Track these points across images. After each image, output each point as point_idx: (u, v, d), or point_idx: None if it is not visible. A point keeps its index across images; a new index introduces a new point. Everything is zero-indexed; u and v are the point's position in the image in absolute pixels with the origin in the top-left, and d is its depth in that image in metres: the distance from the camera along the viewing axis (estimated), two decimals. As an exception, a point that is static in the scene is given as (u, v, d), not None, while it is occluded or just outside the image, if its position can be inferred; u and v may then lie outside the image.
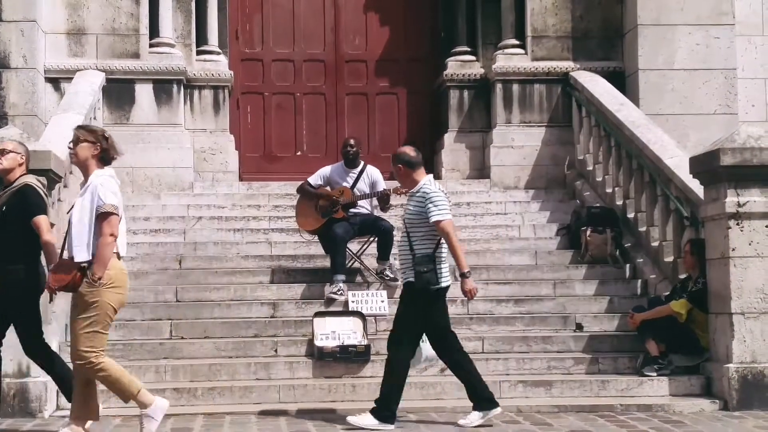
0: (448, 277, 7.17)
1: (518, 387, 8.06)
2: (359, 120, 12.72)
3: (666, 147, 9.80)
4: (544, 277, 9.76)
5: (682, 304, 8.30)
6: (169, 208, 11.09)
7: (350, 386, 8.00)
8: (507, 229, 10.77)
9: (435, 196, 7.04)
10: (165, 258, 9.97)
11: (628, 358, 8.50)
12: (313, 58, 12.79)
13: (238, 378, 8.20)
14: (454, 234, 7.06)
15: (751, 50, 12.44)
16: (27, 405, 7.45)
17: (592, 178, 11.35)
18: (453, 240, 7.04)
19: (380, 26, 12.85)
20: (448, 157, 12.22)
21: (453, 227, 7.08)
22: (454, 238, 7.06)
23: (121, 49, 11.58)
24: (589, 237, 9.98)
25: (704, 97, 11.62)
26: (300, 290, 9.40)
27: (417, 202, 7.11)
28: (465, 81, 12.34)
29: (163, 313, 9.02)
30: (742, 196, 7.95)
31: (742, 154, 7.94)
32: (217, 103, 12.05)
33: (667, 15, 11.65)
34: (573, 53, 12.04)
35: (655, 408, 7.76)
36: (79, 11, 11.57)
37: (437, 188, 7.14)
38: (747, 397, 7.80)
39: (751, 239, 7.93)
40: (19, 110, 11.08)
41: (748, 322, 7.89)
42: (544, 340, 8.78)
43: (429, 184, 7.15)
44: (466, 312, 9.22)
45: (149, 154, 11.49)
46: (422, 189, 7.12)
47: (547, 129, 12.01)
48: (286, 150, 12.70)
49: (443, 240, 7.07)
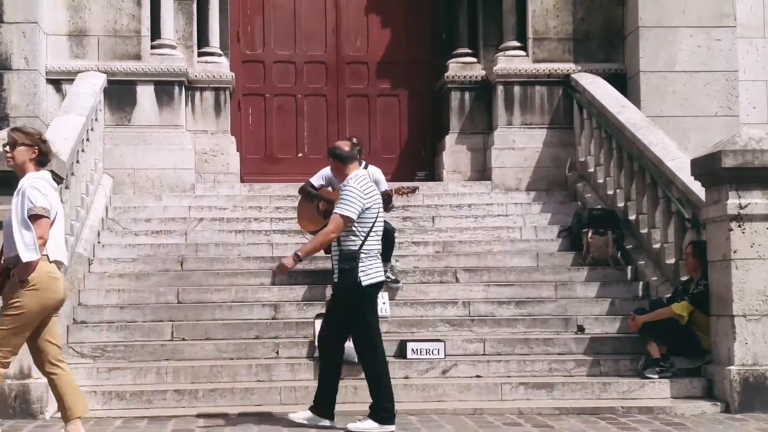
0: (374, 275, 7.02)
1: (519, 389, 8.06)
2: (360, 122, 12.72)
3: (667, 149, 9.80)
4: (545, 279, 9.76)
5: (683, 307, 8.30)
6: (171, 209, 11.09)
7: (352, 388, 7.99)
8: (508, 230, 10.77)
9: (349, 191, 6.96)
10: (166, 259, 9.97)
11: (629, 361, 8.49)
12: (315, 60, 12.80)
13: (240, 379, 8.19)
14: (334, 230, 6.91)
15: (752, 52, 12.44)
16: (28, 406, 7.45)
17: (594, 179, 11.35)
18: (328, 233, 6.92)
19: (381, 28, 12.86)
20: (449, 159, 12.23)
21: (340, 227, 6.91)
22: (331, 234, 6.92)
23: (123, 50, 11.58)
24: (590, 239, 9.98)
25: (705, 99, 11.62)
26: (301, 292, 9.41)
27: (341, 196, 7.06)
28: (466, 83, 12.35)
29: (165, 315, 9.02)
30: (743, 198, 7.95)
31: (743, 156, 7.94)
32: (219, 104, 12.06)
33: (668, 17, 11.65)
34: (574, 55, 12.04)
35: (656, 410, 7.76)
36: (80, 13, 11.57)
37: (359, 184, 7.02)
38: (748, 400, 7.79)
39: (752, 241, 7.93)
40: (21, 112, 11.08)
41: (750, 325, 7.89)
42: (546, 342, 8.78)
43: (353, 179, 7.06)
44: (468, 314, 9.22)
45: (150, 155, 11.49)
46: (347, 184, 7.07)
47: (548, 131, 12.01)
48: (287, 151, 12.71)
49: (371, 236, 6.99)
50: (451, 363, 8.40)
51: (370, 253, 7.02)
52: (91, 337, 8.72)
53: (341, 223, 6.92)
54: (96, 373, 8.10)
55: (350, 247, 6.96)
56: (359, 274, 6.92)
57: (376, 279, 7.05)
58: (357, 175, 7.12)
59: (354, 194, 6.96)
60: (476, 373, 8.35)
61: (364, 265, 6.96)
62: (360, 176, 7.11)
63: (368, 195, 7.04)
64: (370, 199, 7.04)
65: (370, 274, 7.00)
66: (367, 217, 7.02)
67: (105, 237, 10.44)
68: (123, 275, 9.64)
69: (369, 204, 7.03)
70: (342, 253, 6.97)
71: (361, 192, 6.99)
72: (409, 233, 10.60)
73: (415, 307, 9.27)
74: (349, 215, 6.93)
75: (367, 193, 7.03)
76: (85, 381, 8.02)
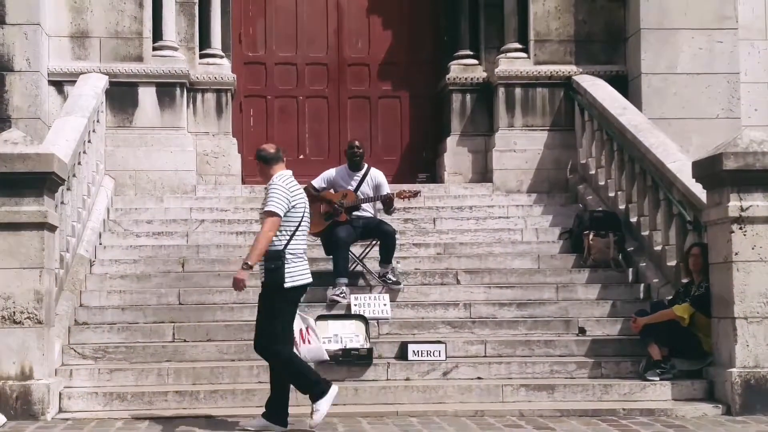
0: (298, 278, 6.99)
1: (521, 391, 8.05)
2: (362, 123, 12.73)
3: (668, 151, 9.80)
4: (546, 281, 9.76)
5: (684, 309, 8.30)
6: (172, 211, 11.10)
7: (353, 390, 8.00)
8: (509, 232, 10.77)
9: (274, 189, 6.95)
10: (168, 261, 9.97)
11: (630, 362, 8.49)
12: (316, 62, 12.81)
13: (241, 381, 8.19)
14: (270, 230, 6.87)
15: (754, 54, 12.44)
16: (29, 407, 7.45)
17: (595, 182, 11.35)
18: (265, 233, 6.87)
19: (383, 30, 12.87)
20: (451, 161, 12.23)
21: (274, 225, 6.88)
22: (268, 233, 6.87)
23: (125, 52, 11.59)
24: (591, 241, 9.98)
25: (707, 101, 11.62)
26: (302, 293, 9.40)
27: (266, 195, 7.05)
28: (467, 85, 12.35)
29: (166, 316, 9.02)
30: (745, 201, 7.95)
31: (744, 158, 7.94)
32: (220, 106, 12.06)
33: (670, 19, 11.65)
34: (576, 57, 12.04)
35: (657, 412, 7.75)
36: (82, 15, 11.58)
37: (283, 182, 7.02)
38: (750, 402, 7.78)
39: (754, 243, 7.92)
40: (23, 113, 11.09)
41: (751, 327, 7.88)
42: (547, 344, 8.77)
43: (278, 178, 7.06)
44: (469, 315, 9.22)
45: (152, 157, 11.50)
46: (272, 182, 7.05)
47: (549, 133, 12.01)
48: (288, 153, 12.58)
49: (297, 235, 6.98)
50: (452, 365, 8.40)
51: (297, 253, 6.99)
52: (93, 338, 8.72)
53: (274, 220, 6.90)
54: (97, 374, 8.10)
55: (276, 246, 6.93)
56: (285, 274, 6.90)
57: (300, 281, 7.02)
58: (282, 174, 7.11)
59: (279, 191, 6.96)
60: (477, 374, 8.35)
61: (290, 265, 6.94)
62: (285, 175, 7.11)
63: (293, 193, 7.03)
64: (295, 198, 7.03)
65: (294, 276, 6.97)
66: (293, 215, 6.99)
67: (106, 238, 10.45)
68: (124, 276, 9.65)
69: (295, 202, 7.01)
70: (268, 252, 6.92)
71: (287, 189, 6.99)
72: (410, 235, 10.60)
73: (416, 309, 9.27)
74: (276, 211, 6.90)
75: (292, 191, 7.03)
76: (87, 382, 8.04)
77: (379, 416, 7.59)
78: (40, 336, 7.58)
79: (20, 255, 7.57)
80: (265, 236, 6.91)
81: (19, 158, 7.62)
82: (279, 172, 7.14)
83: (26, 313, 7.55)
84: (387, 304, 9.07)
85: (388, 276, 9.41)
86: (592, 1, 12.08)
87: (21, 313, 7.54)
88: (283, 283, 6.92)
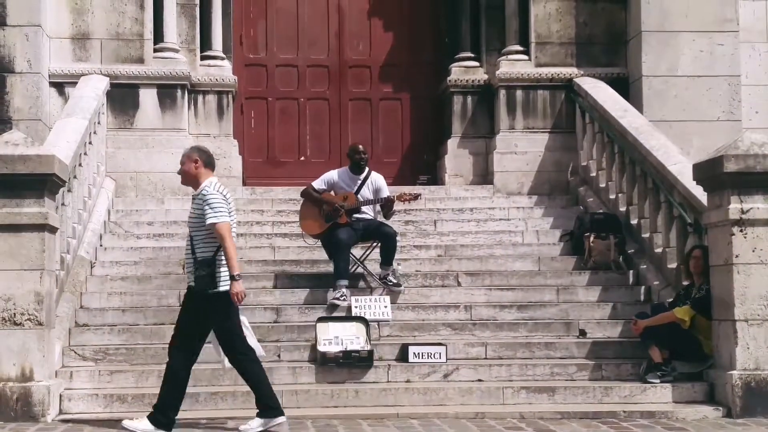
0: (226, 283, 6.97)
1: (521, 393, 8.05)
2: (363, 125, 12.73)
3: (669, 153, 9.80)
4: (547, 283, 9.76)
5: (685, 311, 8.29)
6: (173, 212, 11.09)
7: (353, 392, 8.00)
8: (510, 234, 10.77)
9: (212, 198, 6.94)
10: (168, 262, 9.97)
11: (631, 365, 8.48)
12: (317, 64, 12.81)
13: (241, 383, 8.13)
14: (229, 237, 6.91)
15: (755, 57, 12.44)
16: (30, 409, 7.45)
17: (596, 184, 11.35)
18: (227, 243, 6.91)
19: (384, 32, 12.87)
20: (452, 163, 12.23)
21: (229, 230, 6.93)
22: (229, 241, 6.91)
23: (126, 54, 11.60)
24: (592, 243, 9.98)
25: (708, 104, 11.62)
26: (303, 295, 9.40)
27: (197, 204, 7.03)
28: (468, 87, 12.35)
29: (166, 318, 9.01)
30: (745, 203, 7.95)
31: (745, 161, 7.94)
32: (221, 108, 12.06)
33: (671, 21, 11.65)
34: (577, 59, 12.04)
35: (658, 415, 7.75)
36: (83, 16, 11.59)
37: (217, 190, 7.01)
38: (750, 405, 7.78)
39: (754, 246, 7.92)
40: (24, 114, 11.09)
41: (752, 329, 7.88)
42: (547, 346, 8.77)
43: (209, 186, 7.03)
44: (470, 318, 9.22)
45: (153, 158, 11.50)
46: (202, 191, 7.03)
47: (550, 135, 12.02)
48: (289, 155, 12.72)
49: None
50: (453, 367, 8.40)
51: (224, 261, 6.98)
52: (93, 340, 8.72)
53: (226, 227, 6.92)
54: (98, 376, 8.10)
55: (206, 254, 6.95)
56: (216, 280, 6.92)
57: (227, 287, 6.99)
58: (212, 182, 7.08)
59: (218, 200, 6.95)
60: (478, 377, 8.35)
61: (220, 271, 6.95)
62: (214, 183, 7.09)
63: (228, 200, 7.04)
64: (230, 205, 7.06)
65: (226, 280, 6.97)
66: None
67: (107, 240, 10.45)
68: (125, 278, 9.65)
69: (229, 209, 7.04)
70: (197, 259, 6.96)
71: (224, 197, 7.00)
72: (411, 237, 10.60)
73: (417, 311, 9.26)
74: (226, 221, 6.93)
75: (227, 198, 7.04)
76: (87, 384, 8.03)
77: (379, 418, 7.59)
78: (41, 338, 7.58)
79: (21, 256, 7.57)
80: (231, 244, 6.93)
81: (19, 159, 7.63)
82: (210, 179, 7.11)
83: (27, 315, 7.55)
84: (388, 306, 9.07)
85: (388, 278, 9.41)
86: (593, 4, 12.08)
87: (21, 315, 7.54)
88: (216, 288, 6.92)
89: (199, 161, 7.12)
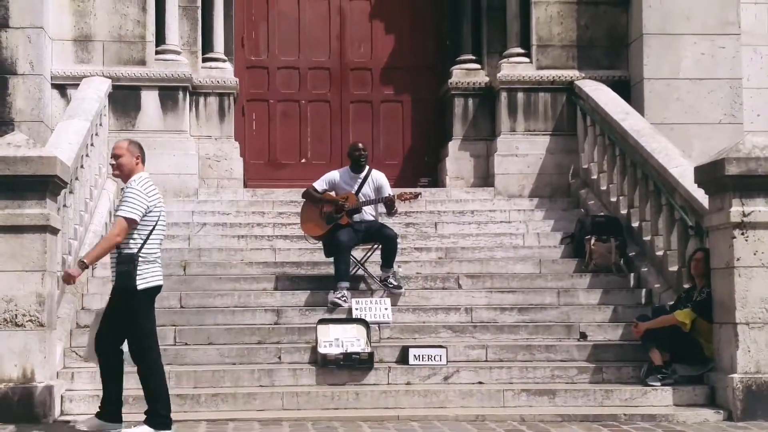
0: (151, 280, 6.91)
1: (522, 396, 8.05)
2: (364, 127, 12.73)
3: (671, 156, 9.80)
4: (548, 286, 9.76)
5: (686, 314, 8.29)
6: (174, 214, 11.08)
7: (353, 394, 8.00)
8: (511, 237, 10.77)
9: (133, 193, 6.86)
10: (169, 264, 9.95)
11: (632, 368, 8.48)
12: (319, 66, 12.82)
13: (242, 384, 8.20)
14: (119, 233, 6.77)
15: (756, 60, 12.44)
16: (31, 410, 7.45)
17: (597, 186, 11.35)
18: (114, 237, 6.78)
19: (385, 34, 12.88)
20: (453, 165, 12.23)
21: (126, 231, 6.78)
22: (117, 238, 6.77)
23: (128, 56, 11.61)
24: (593, 246, 9.98)
25: (709, 107, 11.62)
26: (304, 297, 9.41)
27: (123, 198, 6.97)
28: (470, 89, 12.36)
29: (167, 319, 9.02)
30: (747, 206, 7.94)
31: (747, 163, 7.94)
32: (223, 110, 12.07)
33: (672, 24, 11.66)
34: (578, 62, 12.05)
35: (658, 418, 7.74)
36: (85, 18, 11.61)
37: (141, 186, 6.93)
38: (751, 408, 7.77)
39: (756, 249, 7.92)
40: (26, 116, 11.11)
41: (753, 332, 7.88)
42: (548, 349, 8.77)
43: (135, 181, 6.96)
44: (470, 320, 9.22)
45: (154, 160, 11.39)
46: (129, 184, 6.96)
47: (551, 137, 12.02)
48: (290, 157, 12.73)
49: (151, 239, 6.89)
50: (453, 369, 8.40)
51: (149, 257, 6.90)
52: (94, 341, 8.71)
53: (126, 225, 6.82)
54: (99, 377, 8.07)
55: (129, 249, 6.85)
56: (136, 277, 6.82)
57: (152, 283, 6.94)
58: (140, 177, 7.02)
59: (137, 195, 6.87)
60: (478, 379, 8.35)
61: (142, 269, 6.85)
62: (143, 178, 7.02)
63: (151, 197, 6.95)
64: (152, 201, 6.95)
65: (146, 278, 6.88)
66: (149, 219, 6.90)
67: (108, 241, 10.43)
68: (126, 280, 9.63)
69: (152, 207, 6.94)
70: (120, 255, 6.85)
71: (145, 193, 6.91)
72: (411, 239, 10.61)
73: (418, 313, 9.26)
74: (133, 217, 6.82)
75: (150, 195, 6.94)
76: (88, 385, 8.03)
77: (379, 420, 7.59)
78: (42, 339, 7.58)
79: (22, 258, 7.58)
80: (112, 240, 6.82)
81: (21, 161, 7.63)
82: (140, 173, 7.03)
83: (28, 316, 7.56)
84: (388, 308, 9.07)
85: (389, 280, 9.41)
86: (595, 6, 12.09)
87: (23, 316, 7.55)
88: (135, 286, 6.82)
89: (140, 157, 7.07)
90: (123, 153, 7.02)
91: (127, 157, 7.02)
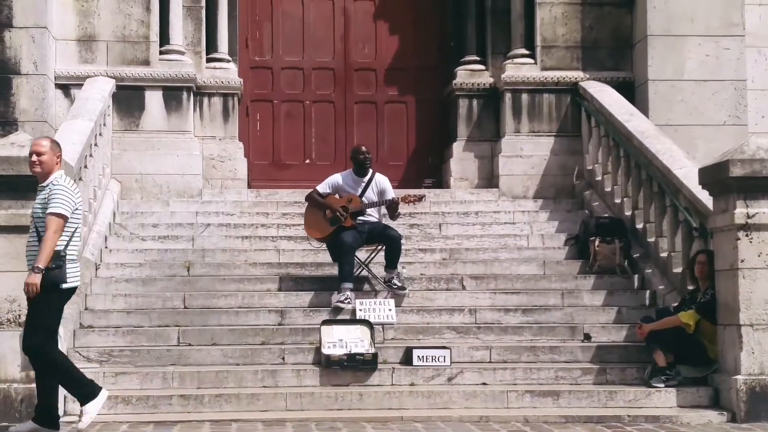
0: (74, 279, 6.93)
1: (525, 397, 8.04)
2: (368, 128, 12.74)
3: (675, 157, 9.79)
4: (552, 287, 9.75)
5: (690, 315, 8.28)
6: (178, 214, 11.11)
7: (357, 394, 8.00)
8: (515, 238, 10.76)
9: (62, 190, 6.86)
10: (173, 265, 9.97)
11: (636, 369, 8.48)
12: (323, 66, 12.82)
13: (245, 385, 8.20)
14: (56, 231, 6.77)
15: (761, 61, 12.44)
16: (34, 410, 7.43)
17: (601, 188, 11.34)
18: (52, 235, 6.76)
19: (389, 35, 12.88)
20: (457, 166, 12.23)
21: (62, 227, 6.80)
22: (56, 236, 6.78)
23: (132, 56, 11.62)
24: (597, 247, 9.97)
25: (714, 108, 11.61)
26: (308, 298, 9.41)
27: (45, 195, 6.94)
28: (474, 90, 12.35)
29: (171, 320, 9.03)
30: (751, 208, 7.93)
31: (751, 165, 7.93)
32: (227, 110, 12.08)
33: (677, 26, 11.65)
34: (582, 63, 12.04)
35: (662, 419, 7.74)
36: (89, 18, 11.61)
37: (68, 183, 6.95)
38: (755, 409, 7.77)
39: (760, 251, 7.91)
40: (30, 116, 11.11)
41: (757, 334, 7.87)
42: (552, 350, 8.77)
43: (60, 178, 6.97)
44: (474, 321, 9.21)
45: (158, 160, 11.52)
46: (53, 182, 6.94)
47: (556, 139, 12.01)
48: (294, 158, 12.72)
49: (74, 238, 6.90)
50: (457, 370, 8.39)
51: (72, 256, 6.93)
52: (98, 341, 8.73)
53: (62, 222, 6.83)
54: (102, 378, 8.09)
55: (57, 246, 6.84)
56: (65, 275, 6.84)
57: (74, 283, 6.97)
58: (62, 174, 7.03)
59: (66, 192, 6.88)
60: (482, 380, 8.34)
61: (68, 266, 6.87)
62: (65, 176, 7.05)
63: (77, 195, 6.99)
64: (77, 200, 6.99)
65: (72, 277, 6.92)
66: (74, 218, 6.94)
67: (112, 242, 10.46)
68: (130, 280, 9.65)
69: (77, 204, 6.98)
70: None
71: (72, 191, 6.94)
72: (415, 240, 10.60)
73: (422, 314, 9.26)
74: (64, 213, 6.83)
75: (75, 193, 6.98)
76: (91, 385, 8.02)
77: (383, 421, 7.59)
78: (45, 339, 7.57)
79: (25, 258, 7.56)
80: (53, 239, 6.82)
81: (25, 161, 7.62)
82: (60, 171, 7.04)
83: (31, 316, 7.54)
84: (392, 309, 9.07)
85: (393, 281, 9.41)
86: (599, 8, 12.08)
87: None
88: (63, 284, 6.85)
89: (60, 156, 7.09)
90: (46, 151, 7.05)
91: (49, 155, 7.04)
